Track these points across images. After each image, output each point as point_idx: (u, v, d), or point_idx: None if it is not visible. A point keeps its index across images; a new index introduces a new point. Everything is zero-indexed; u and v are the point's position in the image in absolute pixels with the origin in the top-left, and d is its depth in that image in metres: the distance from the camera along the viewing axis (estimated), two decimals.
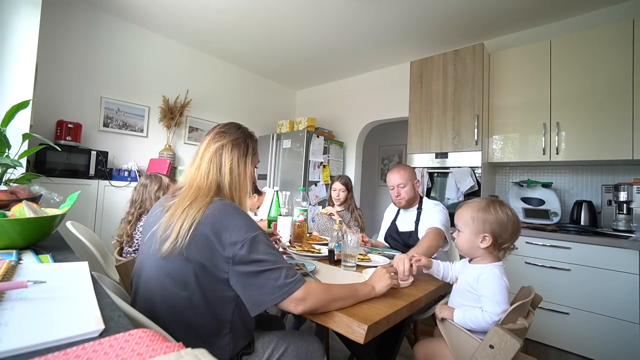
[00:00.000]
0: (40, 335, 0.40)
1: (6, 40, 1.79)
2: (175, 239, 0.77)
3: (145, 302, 0.84)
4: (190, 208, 0.80)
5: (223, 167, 0.90)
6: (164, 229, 0.82)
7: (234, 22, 2.93)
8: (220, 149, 0.92)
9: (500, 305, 0.94)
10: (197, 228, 0.77)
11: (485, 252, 1.03)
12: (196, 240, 0.77)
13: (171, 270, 0.79)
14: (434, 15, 2.63)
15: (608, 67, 2.12)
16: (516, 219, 1.00)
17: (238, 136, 0.95)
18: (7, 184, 1.20)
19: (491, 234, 0.99)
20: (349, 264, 1.25)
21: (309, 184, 3.51)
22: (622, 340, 1.81)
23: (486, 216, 1.00)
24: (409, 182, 1.75)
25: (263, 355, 0.90)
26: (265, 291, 0.75)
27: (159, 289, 0.80)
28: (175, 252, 0.77)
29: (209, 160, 0.90)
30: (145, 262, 0.87)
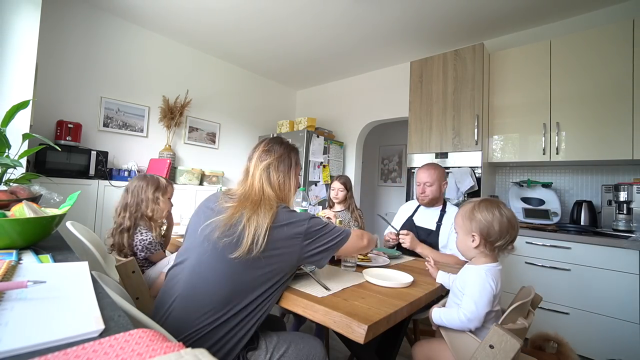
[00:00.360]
0: (40, 335, 0.40)
1: (6, 40, 1.79)
2: (250, 247, 0.86)
3: (191, 282, 0.90)
4: (257, 215, 0.90)
5: (273, 183, 1.02)
6: (224, 228, 0.89)
7: (234, 22, 2.93)
8: (268, 167, 1.03)
9: (478, 307, 0.93)
10: (272, 230, 0.89)
11: (479, 252, 1.03)
12: (274, 239, 0.89)
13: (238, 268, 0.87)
14: (434, 16, 2.63)
15: (608, 67, 2.12)
16: (505, 218, 0.99)
17: (282, 153, 1.06)
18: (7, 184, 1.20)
19: (478, 233, 1.01)
20: (349, 264, 1.25)
21: (309, 184, 3.51)
22: (622, 340, 1.81)
23: (472, 215, 1.03)
24: (437, 182, 1.76)
25: (266, 354, 0.91)
26: (333, 239, 0.98)
27: (214, 278, 0.87)
28: (250, 257, 0.86)
29: (259, 178, 1.01)
30: (196, 250, 0.94)
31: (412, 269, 1.33)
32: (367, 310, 0.84)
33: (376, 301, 0.92)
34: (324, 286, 1.00)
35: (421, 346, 1.14)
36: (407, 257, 1.59)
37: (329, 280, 1.07)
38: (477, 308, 0.93)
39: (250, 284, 0.88)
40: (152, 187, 1.51)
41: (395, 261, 1.48)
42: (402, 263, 1.46)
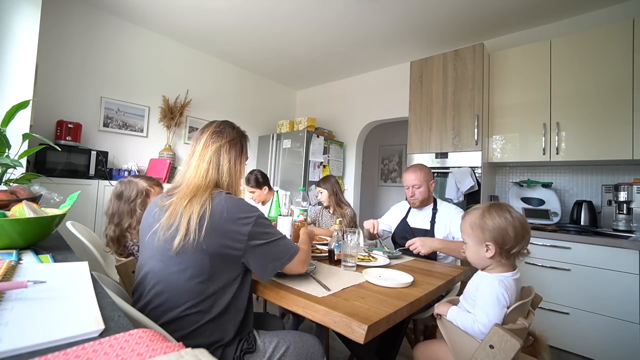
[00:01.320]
0: (40, 335, 0.40)
1: (6, 40, 1.79)
2: (186, 234, 0.80)
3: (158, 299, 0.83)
4: (191, 204, 0.83)
5: (221, 167, 0.95)
6: (167, 227, 0.83)
7: (234, 22, 2.93)
8: (219, 149, 0.95)
9: (489, 317, 0.90)
10: (210, 219, 0.81)
11: (494, 262, 0.97)
12: (212, 229, 0.81)
13: (188, 264, 0.81)
14: (434, 16, 2.63)
15: (608, 67, 2.12)
16: (518, 222, 0.94)
17: (234, 136, 0.99)
18: (7, 184, 1.20)
19: (493, 241, 0.94)
20: (349, 264, 1.25)
21: (309, 184, 3.51)
22: (622, 340, 1.81)
23: (484, 223, 0.96)
24: (425, 184, 1.76)
25: (265, 355, 0.90)
26: (276, 256, 0.89)
27: (172, 284, 0.82)
28: (190, 247, 0.80)
29: (209, 160, 0.93)
30: (148, 263, 0.87)
31: (412, 269, 1.33)
32: (367, 310, 0.84)
33: (376, 301, 0.92)
34: (324, 286, 1.00)
35: (422, 347, 1.14)
36: (407, 257, 1.59)
37: (329, 280, 1.07)
38: (489, 319, 0.90)
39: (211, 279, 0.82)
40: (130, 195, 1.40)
41: (396, 261, 1.48)
42: (402, 263, 1.46)
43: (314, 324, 1.97)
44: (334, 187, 2.36)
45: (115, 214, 1.39)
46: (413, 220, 1.84)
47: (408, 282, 1.10)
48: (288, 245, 0.93)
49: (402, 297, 0.97)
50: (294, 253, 0.93)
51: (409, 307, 0.93)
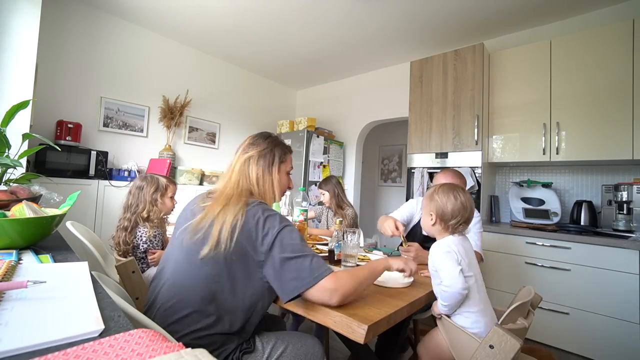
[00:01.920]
0: (40, 335, 0.40)
1: (6, 40, 1.79)
2: (217, 244, 0.82)
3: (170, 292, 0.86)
4: (224, 212, 0.85)
5: (251, 177, 0.98)
6: (196, 230, 0.87)
7: (234, 22, 2.93)
8: (248, 160, 0.99)
9: (445, 272, 1.00)
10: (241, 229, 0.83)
11: (438, 229, 1.13)
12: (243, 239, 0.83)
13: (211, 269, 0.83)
14: (434, 16, 2.63)
15: (608, 67, 2.12)
16: (458, 202, 1.09)
17: (265, 147, 1.01)
18: (7, 184, 1.20)
19: (435, 213, 1.12)
20: (349, 264, 1.25)
21: (309, 184, 3.51)
22: (622, 340, 1.81)
23: (431, 198, 1.14)
24: None
25: (263, 355, 0.90)
26: (298, 274, 0.80)
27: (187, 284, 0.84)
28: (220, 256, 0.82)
29: (239, 171, 0.98)
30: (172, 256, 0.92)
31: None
32: (367, 310, 0.84)
33: (376, 301, 0.92)
34: None
35: (423, 343, 1.15)
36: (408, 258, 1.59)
37: None
38: (449, 274, 0.99)
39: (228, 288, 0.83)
40: (151, 189, 1.54)
41: None
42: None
43: (314, 324, 1.97)
44: (335, 189, 2.37)
45: (134, 204, 1.52)
46: None
47: (408, 282, 1.11)
48: (317, 265, 0.81)
49: (402, 297, 0.97)
50: (321, 275, 0.79)
51: (409, 307, 0.93)
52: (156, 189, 1.55)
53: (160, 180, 1.59)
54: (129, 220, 1.50)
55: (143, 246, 1.49)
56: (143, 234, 1.50)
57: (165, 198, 1.60)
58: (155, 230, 1.52)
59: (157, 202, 1.55)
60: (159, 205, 1.56)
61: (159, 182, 1.58)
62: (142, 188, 1.55)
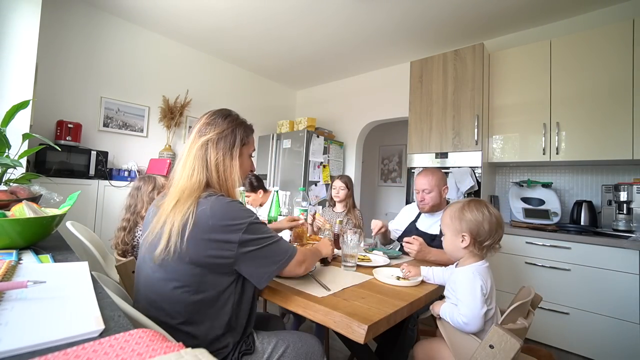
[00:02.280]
0: (40, 335, 0.40)
1: (6, 40, 1.78)
2: (167, 245, 0.76)
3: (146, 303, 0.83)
4: (174, 211, 0.78)
5: (209, 164, 0.86)
6: (153, 233, 0.82)
7: (234, 22, 2.93)
8: (205, 144, 0.86)
9: (472, 309, 0.93)
10: (193, 228, 0.76)
11: (467, 252, 1.04)
12: (197, 239, 0.76)
13: (173, 275, 0.78)
14: (434, 16, 2.63)
15: (608, 67, 2.12)
16: (494, 218, 1.01)
17: (224, 127, 0.89)
18: (7, 184, 1.20)
19: (469, 232, 1.01)
20: (349, 264, 1.25)
21: (309, 184, 3.51)
22: (622, 340, 1.81)
23: (462, 216, 1.03)
24: (436, 189, 1.68)
25: (263, 355, 0.90)
26: (271, 260, 0.84)
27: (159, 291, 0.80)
28: (172, 257, 0.76)
29: (194, 156, 0.86)
30: (142, 265, 0.88)
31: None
32: (367, 310, 0.84)
33: (376, 301, 0.91)
34: (324, 286, 1.00)
35: (422, 346, 1.14)
36: (407, 257, 1.59)
37: (329, 280, 1.07)
38: (472, 310, 0.93)
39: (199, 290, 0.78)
40: (149, 187, 1.56)
41: (396, 261, 1.48)
42: (403, 263, 1.46)
43: (314, 324, 1.97)
44: (353, 189, 2.36)
45: (132, 204, 1.53)
46: (422, 224, 1.78)
47: (418, 281, 1.12)
48: (284, 248, 0.88)
49: (402, 297, 0.97)
50: (290, 256, 0.88)
51: (409, 307, 0.93)
52: (153, 187, 1.57)
53: (158, 179, 1.62)
54: (128, 221, 1.51)
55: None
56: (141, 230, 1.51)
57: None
58: None
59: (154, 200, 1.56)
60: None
61: (156, 181, 1.60)
62: (139, 188, 1.57)
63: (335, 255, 1.44)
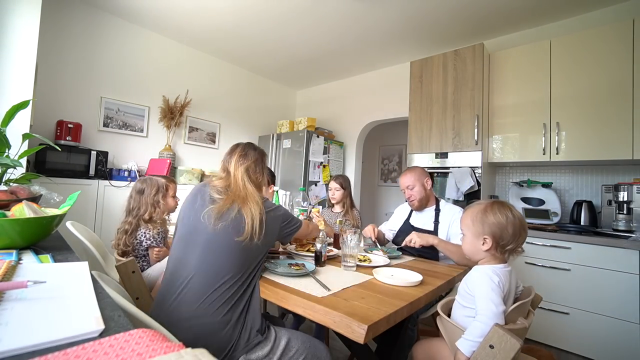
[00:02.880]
0: (40, 335, 0.40)
1: (6, 40, 1.78)
2: (251, 234, 1.01)
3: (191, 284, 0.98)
4: (249, 208, 1.05)
5: (253, 181, 1.19)
6: (218, 215, 1.03)
7: (233, 22, 2.93)
8: (247, 169, 1.19)
9: (494, 303, 0.88)
10: (267, 221, 1.07)
11: (488, 255, 1.01)
12: (268, 223, 1.07)
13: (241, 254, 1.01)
14: (434, 15, 2.63)
15: (608, 67, 2.12)
16: (518, 221, 0.98)
17: (257, 157, 1.24)
18: (7, 184, 1.20)
19: (491, 236, 0.99)
20: (349, 264, 1.25)
21: (309, 184, 3.51)
22: (622, 340, 1.81)
23: (485, 218, 1.00)
24: (417, 182, 1.75)
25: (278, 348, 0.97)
26: (294, 224, 1.24)
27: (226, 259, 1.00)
28: (250, 245, 1.02)
29: (241, 177, 1.17)
30: (198, 242, 1.03)
31: (412, 269, 1.32)
32: (367, 310, 0.84)
33: (376, 301, 0.92)
34: (324, 286, 1.00)
35: (421, 346, 1.14)
36: (407, 257, 1.59)
37: (329, 280, 1.07)
38: (495, 305, 0.88)
39: (252, 254, 1.04)
40: (152, 191, 1.58)
41: (396, 261, 1.48)
42: (402, 263, 1.46)
43: (314, 324, 1.97)
44: (350, 189, 2.35)
45: (135, 208, 1.55)
46: (416, 221, 1.82)
47: (418, 281, 1.11)
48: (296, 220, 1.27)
49: (402, 297, 0.97)
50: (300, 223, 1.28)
51: (409, 307, 0.93)
52: (157, 190, 1.59)
53: (160, 182, 1.62)
54: (130, 224, 1.52)
55: (146, 243, 1.52)
56: (146, 232, 1.52)
57: (167, 198, 1.64)
58: (158, 229, 1.55)
59: (160, 203, 1.59)
60: (161, 206, 1.60)
61: (158, 183, 1.61)
62: (142, 191, 1.58)
63: (335, 255, 1.44)
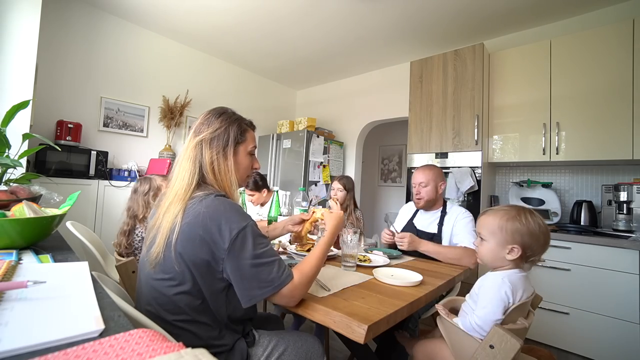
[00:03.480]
0: (40, 335, 0.40)
1: (6, 40, 1.78)
2: (163, 245, 0.77)
3: (147, 302, 0.83)
4: (167, 212, 0.80)
5: (204, 165, 0.85)
6: (149, 235, 0.83)
7: (234, 22, 2.93)
8: (200, 144, 0.85)
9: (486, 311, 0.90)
10: (186, 229, 0.76)
11: (511, 264, 0.96)
12: (191, 239, 0.76)
13: (170, 274, 0.78)
14: (434, 15, 2.63)
15: (608, 67, 2.12)
16: (547, 230, 0.94)
17: (217, 126, 0.87)
18: (7, 184, 1.20)
19: (521, 245, 0.92)
20: (349, 264, 1.25)
21: (309, 184, 3.51)
22: (622, 340, 1.81)
23: (517, 226, 0.93)
24: (432, 183, 1.67)
25: (263, 355, 0.90)
26: (257, 284, 0.75)
27: (160, 291, 0.80)
28: (168, 257, 0.77)
29: (188, 157, 0.85)
30: (143, 265, 0.88)
31: (412, 269, 1.32)
32: (367, 310, 0.84)
33: (376, 301, 0.91)
34: (324, 286, 1.00)
35: (422, 345, 1.14)
36: (408, 257, 1.59)
37: (329, 280, 1.07)
38: (486, 314, 0.90)
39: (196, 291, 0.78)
40: (144, 189, 1.56)
41: (396, 261, 1.48)
42: (402, 263, 1.46)
43: (314, 324, 1.97)
44: (353, 191, 2.35)
45: (131, 207, 1.54)
46: (420, 222, 1.76)
47: (418, 281, 1.11)
48: (279, 271, 0.77)
49: (402, 297, 0.97)
50: (282, 282, 0.76)
51: (409, 307, 0.93)
52: (149, 189, 1.56)
53: (154, 180, 1.60)
54: (128, 224, 1.52)
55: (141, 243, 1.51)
56: (140, 232, 1.52)
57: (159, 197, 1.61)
58: None
59: (150, 203, 1.55)
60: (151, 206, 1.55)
61: (151, 182, 1.59)
62: (136, 190, 1.57)
63: (335, 255, 1.44)
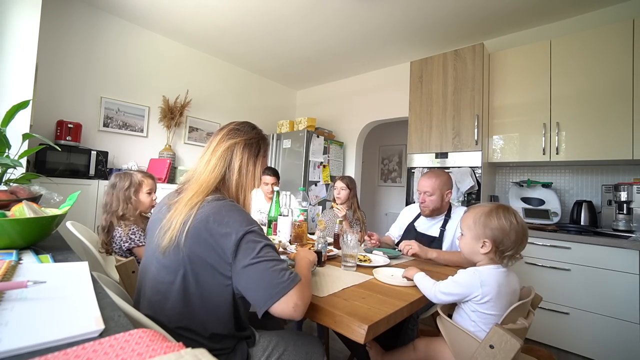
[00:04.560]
0: (40, 335, 0.40)
1: (6, 40, 1.79)
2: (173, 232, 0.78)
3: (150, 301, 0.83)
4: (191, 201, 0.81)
5: (233, 165, 0.90)
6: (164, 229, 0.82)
7: (234, 22, 2.93)
8: (233, 146, 0.91)
9: (448, 286, 0.97)
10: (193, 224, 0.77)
11: (486, 258, 1.01)
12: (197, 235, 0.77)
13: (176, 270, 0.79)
14: (434, 15, 2.63)
15: (608, 67, 2.12)
16: (521, 228, 0.97)
17: (252, 136, 0.95)
18: (7, 184, 1.19)
19: (492, 240, 0.98)
20: (349, 264, 1.25)
21: (309, 184, 3.51)
22: (622, 340, 1.81)
23: (488, 221, 0.99)
24: (438, 192, 1.60)
25: (263, 355, 0.90)
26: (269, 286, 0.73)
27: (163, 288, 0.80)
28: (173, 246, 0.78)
29: (220, 156, 0.89)
30: (147, 265, 0.87)
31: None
32: (368, 310, 0.84)
33: (376, 301, 0.91)
34: (324, 286, 1.00)
35: (424, 342, 1.14)
36: (407, 258, 1.59)
37: (329, 280, 1.07)
38: (450, 293, 0.96)
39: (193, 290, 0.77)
40: (123, 185, 1.47)
41: (396, 261, 1.48)
42: (402, 263, 1.46)
43: (315, 324, 1.97)
44: (356, 191, 2.36)
45: (108, 203, 1.46)
46: (421, 226, 1.73)
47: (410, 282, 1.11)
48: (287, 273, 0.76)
49: (402, 297, 0.97)
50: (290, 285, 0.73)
51: (409, 307, 0.93)
52: (129, 185, 1.47)
53: (134, 176, 1.51)
54: (106, 220, 1.44)
55: (124, 245, 1.42)
56: (119, 234, 1.43)
57: (140, 194, 1.51)
58: (130, 228, 1.43)
59: (132, 199, 1.47)
60: (133, 202, 1.48)
61: (132, 177, 1.49)
62: (114, 186, 1.47)
63: (335, 255, 1.44)
